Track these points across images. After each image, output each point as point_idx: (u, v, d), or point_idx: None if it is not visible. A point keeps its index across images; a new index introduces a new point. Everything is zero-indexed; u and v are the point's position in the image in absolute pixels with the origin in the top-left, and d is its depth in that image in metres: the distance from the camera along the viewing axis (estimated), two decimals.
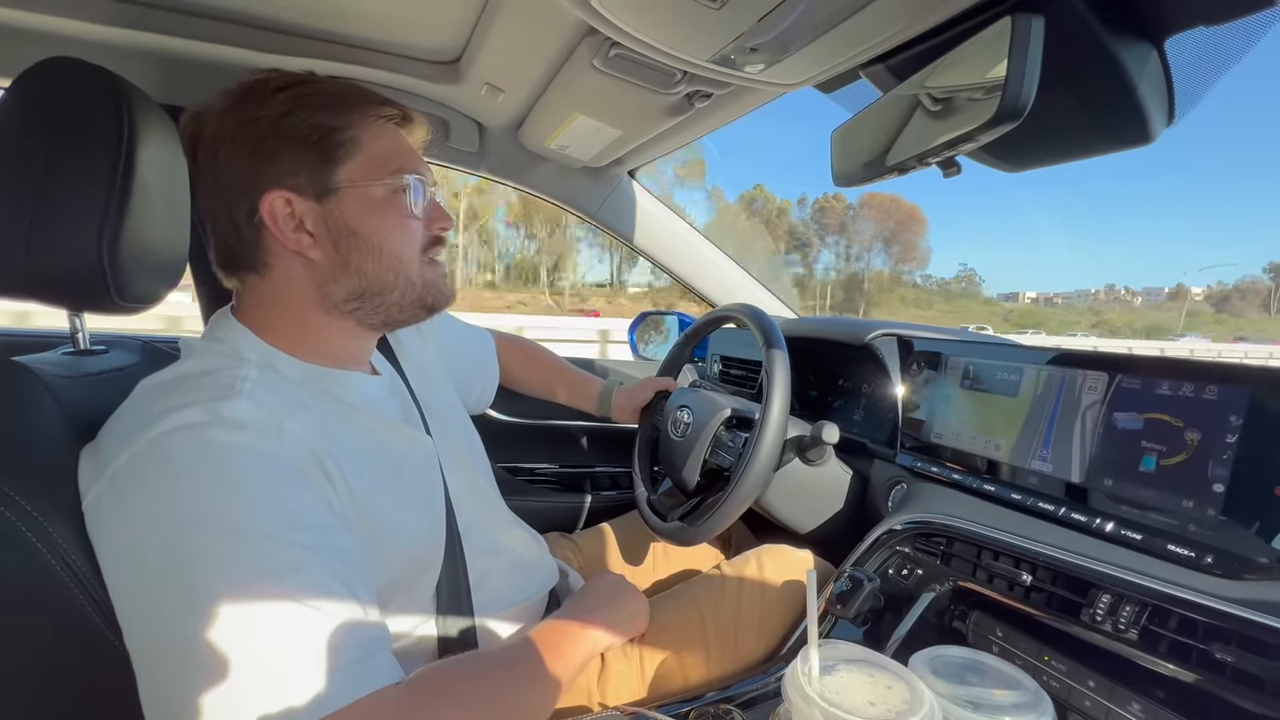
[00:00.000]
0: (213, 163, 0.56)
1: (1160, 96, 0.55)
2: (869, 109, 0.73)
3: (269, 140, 0.55)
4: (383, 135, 0.59)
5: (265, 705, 0.38)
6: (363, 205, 0.57)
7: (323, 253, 0.57)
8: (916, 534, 0.79)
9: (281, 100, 0.56)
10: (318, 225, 0.56)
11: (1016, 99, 0.48)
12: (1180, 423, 0.59)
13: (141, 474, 0.44)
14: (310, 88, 0.58)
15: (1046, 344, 0.85)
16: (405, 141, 0.62)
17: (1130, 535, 0.60)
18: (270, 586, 0.41)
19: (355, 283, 0.58)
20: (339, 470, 0.51)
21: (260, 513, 0.43)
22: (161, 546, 0.41)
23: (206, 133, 0.57)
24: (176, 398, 0.47)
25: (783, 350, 0.87)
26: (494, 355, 1.02)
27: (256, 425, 0.46)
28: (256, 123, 0.55)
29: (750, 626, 0.80)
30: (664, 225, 1.40)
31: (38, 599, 0.44)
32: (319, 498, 0.47)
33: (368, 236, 0.57)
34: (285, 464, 0.46)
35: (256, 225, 0.56)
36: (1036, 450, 0.71)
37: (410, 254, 0.60)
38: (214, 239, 0.59)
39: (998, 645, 0.65)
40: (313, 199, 0.56)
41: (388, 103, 0.60)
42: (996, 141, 0.56)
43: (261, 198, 0.55)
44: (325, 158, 0.56)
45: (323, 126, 0.56)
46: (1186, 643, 0.52)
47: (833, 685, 0.48)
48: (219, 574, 0.40)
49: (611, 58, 0.78)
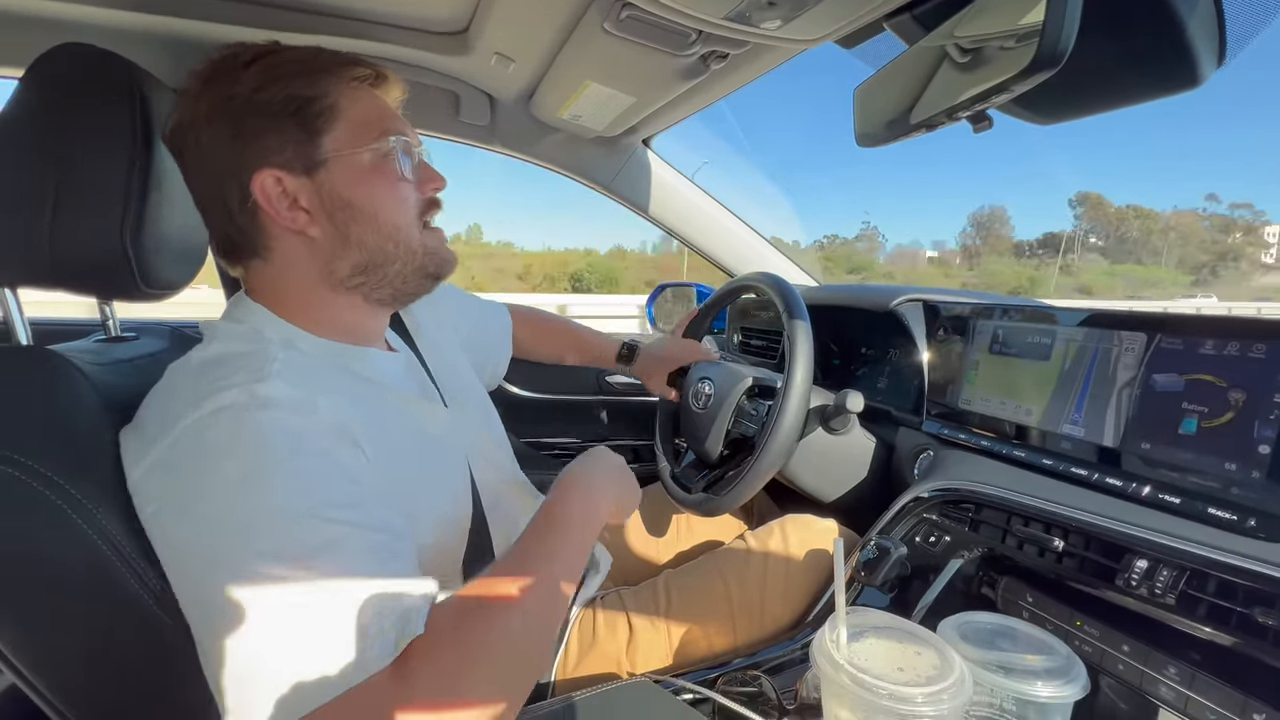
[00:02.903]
0: (196, 150, 0.55)
1: (1210, 33, 0.52)
2: (893, 64, 0.70)
3: (248, 118, 0.54)
4: (359, 98, 0.58)
5: (307, 672, 0.39)
6: (353, 173, 0.56)
7: (321, 229, 0.56)
8: (944, 501, 0.78)
9: (252, 75, 0.54)
10: (312, 200, 0.55)
11: (1055, 43, 0.45)
12: (1224, 383, 0.56)
13: (187, 455, 0.44)
14: (277, 57, 0.56)
15: (1079, 305, 0.82)
16: (383, 102, 0.60)
17: (1168, 499, 0.58)
18: (320, 559, 0.42)
19: (358, 255, 0.57)
20: (370, 445, 0.51)
21: (303, 489, 0.44)
22: (211, 523, 0.43)
23: (185, 119, 0.55)
24: (211, 380, 0.47)
25: (805, 319, 0.86)
26: (509, 331, 1.02)
27: (292, 404, 0.47)
28: (231, 101, 0.54)
29: (776, 595, 0.80)
30: (680, 194, 1.37)
31: (88, 581, 0.46)
32: (356, 472, 0.48)
33: (363, 206, 0.56)
34: (322, 441, 0.47)
35: (251, 209, 0.55)
36: (1069, 414, 0.70)
37: (407, 220, 0.59)
38: (211, 229, 0.59)
39: (1028, 611, 0.64)
40: (302, 174, 0.55)
41: (358, 62, 0.59)
42: (1030, 92, 0.53)
43: (251, 179, 0.54)
44: (307, 129, 0.55)
45: (298, 96, 0.54)
46: (1227, 607, 0.51)
47: (861, 652, 0.48)
48: (267, 548, 0.41)
49: (623, 20, 0.75)
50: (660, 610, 0.77)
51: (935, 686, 0.43)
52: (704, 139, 1.41)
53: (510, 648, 0.44)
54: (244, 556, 0.41)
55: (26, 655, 0.47)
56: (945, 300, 0.95)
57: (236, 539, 0.42)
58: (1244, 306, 22.08)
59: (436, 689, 0.40)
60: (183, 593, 0.45)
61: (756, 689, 0.61)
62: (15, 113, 0.53)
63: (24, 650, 0.47)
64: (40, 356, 0.51)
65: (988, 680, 0.48)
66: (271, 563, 0.41)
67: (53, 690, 0.48)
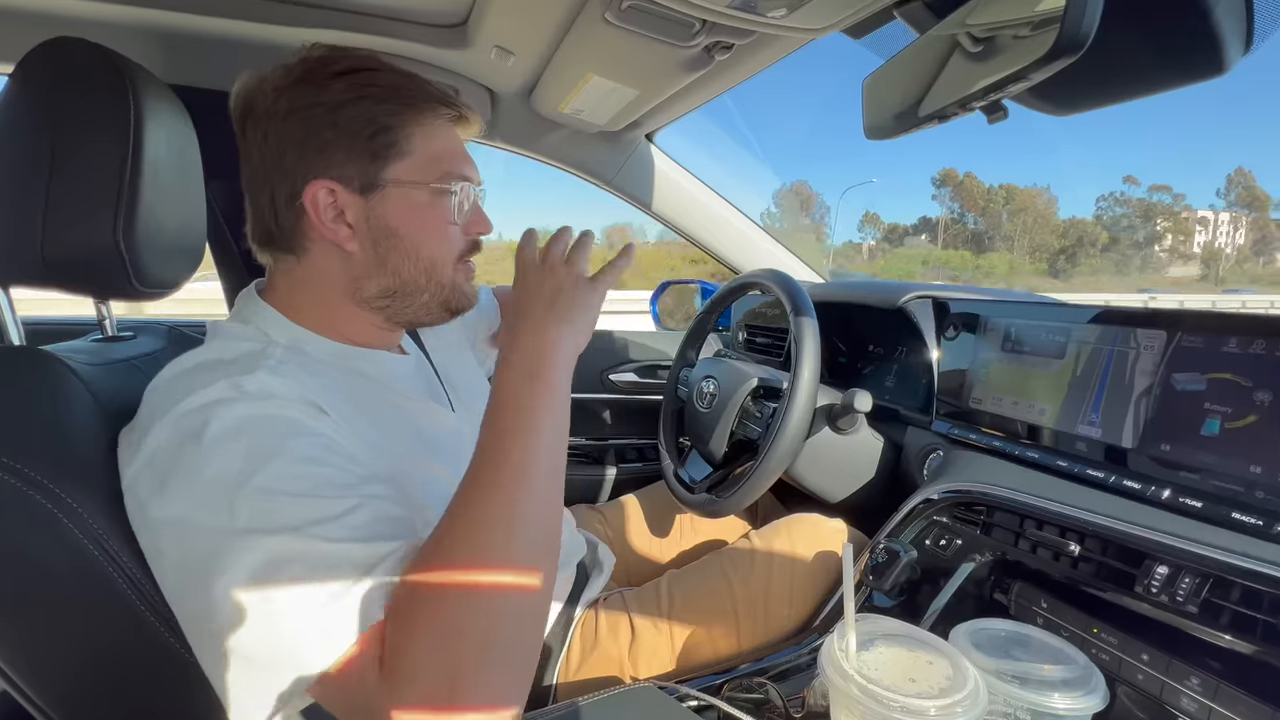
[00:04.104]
0: (260, 140, 0.55)
1: (1238, 17, 0.49)
2: (903, 53, 0.68)
3: (323, 129, 0.53)
4: (436, 135, 0.57)
5: (314, 644, 0.39)
6: (406, 206, 0.56)
7: (360, 247, 0.56)
8: (955, 503, 0.76)
9: (340, 87, 0.54)
10: (358, 219, 0.55)
11: (1078, 29, 0.43)
12: (1248, 383, 0.54)
13: (175, 450, 0.44)
14: (370, 76, 0.55)
15: (1093, 301, 0.80)
16: (458, 142, 0.60)
17: (1189, 503, 0.56)
18: (319, 541, 0.41)
19: (389, 281, 0.57)
20: (367, 442, 0.50)
21: (296, 476, 0.43)
22: (204, 517, 0.42)
23: (259, 108, 0.54)
24: (204, 376, 0.47)
25: (811, 317, 0.84)
26: (497, 313, 1.00)
27: (281, 395, 0.46)
28: (313, 109, 0.53)
29: (781, 597, 0.79)
30: (684, 190, 1.35)
31: (79, 586, 0.45)
32: (350, 461, 0.47)
33: (407, 238, 0.56)
34: (315, 428, 0.46)
35: (297, 210, 0.54)
36: (1085, 414, 0.68)
37: (445, 259, 0.59)
38: (252, 213, 0.58)
39: (1042, 618, 0.62)
40: (357, 193, 0.54)
41: (446, 102, 0.58)
42: (1045, 81, 0.51)
43: (306, 185, 0.53)
44: (376, 155, 0.54)
45: (379, 123, 0.54)
46: (1251, 615, 0.49)
47: (871, 661, 0.46)
48: (268, 533, 0.41)
49: (625, 10, 0.73)
50: (663, 612, 0.76)
51: (949, 699, 0.41)
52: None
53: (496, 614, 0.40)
54: (238, 549, 0.40)
55: (17, 660, 0.46)
56: (956, 297, 0.93)
57: (227, 533, 0.41)
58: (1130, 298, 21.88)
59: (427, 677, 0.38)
60: (176, 587, 0.44)
61: (762, 696, 0.59)
62: (5, 109, 0.52)
63: (14, 655, 0.46)
64: (31, 357, 0.50)
65: (1003, 691, 0.46)
66: (268, 543, 0.40)
67: (44, 695, 0.48)
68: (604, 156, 1.28)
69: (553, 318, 0.51)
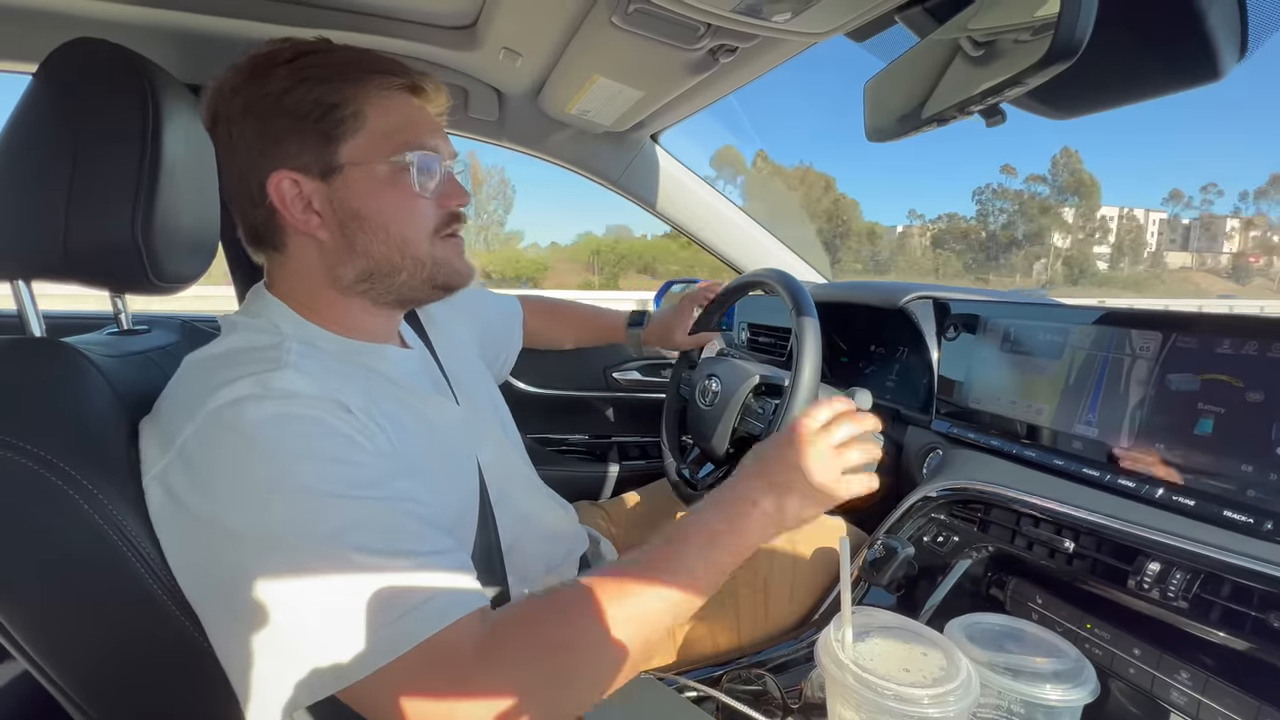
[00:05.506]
0: (228, 142, 0.56)
1: (1231, 23, 0.50)
2: (904, 57, 0.69)
3: (274, 119, 0.54)
4: (390, 108, 0.57)
5: (349, 649, 0.40)
6: (368, 184, 0.55)
7: (330, 233, 0.56)
8: (953, 500, 0.77)
9: (284, 75, 0.54)
10: (324, 206, 0.55)
11: (1071, 35, 0.44)
12: (1241, 383, 0.55)
13: (206, 447, 0.45)
14: (313, 59, 0.55)
15: (1090, 303, 0.80)
16: (417, 113, 0.59)
17: (1182, 501, 0.57)
18: (356, 537, 0.42)
19: (363, 263, 0.57)
20: (386, 436, 0.52)
21: (328, 474, 0.44)
22: (239, 514, 0.43)
23: (221, 112, 0.56)
24: (226, 372, 0.48)
25: (813, 316, 0.85)
26: (519, 324, 1.02)
27: (307, 394, 0.47)
28: (261, 101, 0.54)
29: (781, 593, 0.80)
30: (689, 190, 1.36)
31: (97, 569, 0.46)
32: (376, 456, 0.48)
33: (372, 217, 0.56)
34: (340, 429, 0.47)
35: (268, 206, 0.55)
36: (1082, 414, 0.68)
37: (419, 233, 0.58)
38: (238, 216, 0.60)
39: (1037, 613, 0.63)
40: (318, 179, 0.55)
41: (394, 70, 0.57)
42: (1045, 86, 0.52)
43: (268, 179, 0.54)
44: (327, 136, 0.54)
45: (324, 102, 0.54)
46: (1241, 611, 0.50)
47: (866, 653, 0.48)
48: (303, 532, 0.42)
49: (631, 13, 0.75)
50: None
51: (941, 688, 0.42)
52: None
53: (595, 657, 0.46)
54: (277, 543, 0.42)
55: (39, 641, 0.48)
56: (956, 298, 0.94)
57: (265, 528, 0.42)
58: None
59: (516, 676, 0.42)
60: (204, 583, 0.45)
61: (760, 688, 0.61)
62: (29, 108, 0.54)
63: (35, 637, 0.48)
64: (52, 348, 0.52)
65: (995, 682, 0.47)
66: (302, 541, 0.42)
67: (65, 676, 0.49)
68: (610, 156, 1.29)
69: (809, 501, 0.54)
